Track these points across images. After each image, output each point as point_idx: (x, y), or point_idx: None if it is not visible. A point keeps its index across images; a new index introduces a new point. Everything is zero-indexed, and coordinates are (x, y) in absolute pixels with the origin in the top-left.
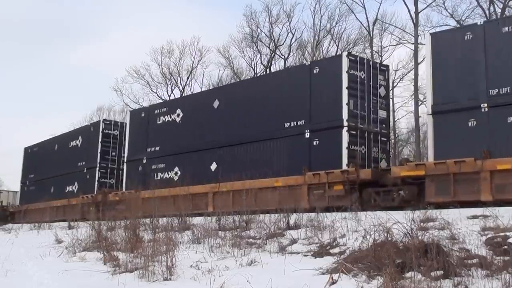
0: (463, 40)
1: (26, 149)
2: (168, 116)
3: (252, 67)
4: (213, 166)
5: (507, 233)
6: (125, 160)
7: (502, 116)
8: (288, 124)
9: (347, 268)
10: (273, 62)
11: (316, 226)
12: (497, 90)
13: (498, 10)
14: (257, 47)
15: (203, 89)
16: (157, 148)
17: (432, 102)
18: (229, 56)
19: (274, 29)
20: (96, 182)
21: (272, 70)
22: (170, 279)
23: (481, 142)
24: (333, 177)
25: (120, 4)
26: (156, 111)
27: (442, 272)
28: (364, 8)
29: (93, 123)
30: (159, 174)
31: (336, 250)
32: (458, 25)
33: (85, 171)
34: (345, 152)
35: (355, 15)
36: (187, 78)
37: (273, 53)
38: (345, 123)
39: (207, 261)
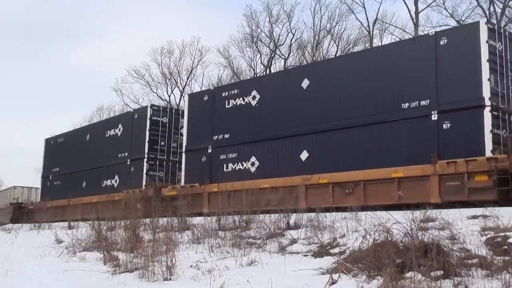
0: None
1: (48, 140)
2: (240, 99)
3: (252, 67)
4: (304, 155)
5: (507, 233)
6: (183, 150)
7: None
8: (407, 104)
9: (347, 268)
10: (273, 62)
11: (316, 226)
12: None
13: (498, 10)
14: (257, 47)
15: (203, 88)
16: (226, 136)
17: None
18: (229, 56)
19: (274, 29)
20: (144, 175)
21: (272, 70)
22: (170, 279)
23: None
24: (475, 166)
25: (120, 4)
26: (223, 94)
27: (442, 272)
28: (364, 8)
29: (137, 109)
30: (230, 165)
31: (336, 250)
32: (458, 25)
33: (128, 163)
34: (488, 137)
35: (355, 15)
36: (187, 78)
37: (273, 53)
38: (487, 102)
39: (207, 261)
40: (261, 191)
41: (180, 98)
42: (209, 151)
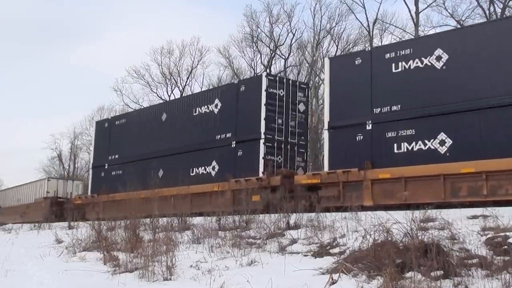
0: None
1: (100, 123)
2: (416, 61)
3: (252, 67)
4: None
5: (507, 233)
6: (326, 128)
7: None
8: None
9: (347, 268)
10: (273, 62)
11: (316, 226)
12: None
13: (498, 10)
14: (257, 47)
15: (203, 88)
16: (395, 108)
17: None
18: (229, 56)
19: (274, 29)
20: (261, 160)
21: (273, 71)
22: (170, 279)
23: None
24: None
25: (120, 4)
26: (388, 55)
27: (442, 272)
28: (364, 8)
29: (245, 80)
30: (404, 144)
31: (336, 250)
32: (459, 25)
33: (233, 145)
34: None
35: (355, 15)
36: (187, 78)
37: (273, 53)
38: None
39: (207, 261)
40: (459, 177)
41: None
42: (368, 127)
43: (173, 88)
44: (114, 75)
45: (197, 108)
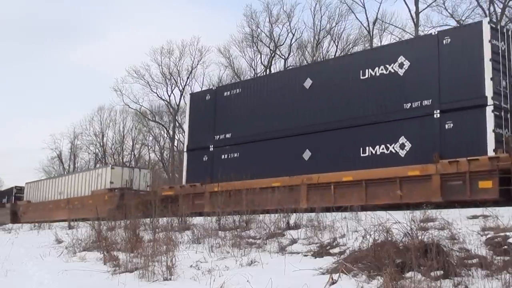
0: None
1: (196, 96)
2: None
3: (252, 67)
4: None
5: (507, 233)
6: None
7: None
8: None
9: (347, 268)
10: (273, 62)
11: (316, 226)
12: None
13: (498, 10)
14: (257, 47)
15: (203, 88)
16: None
17: None
18: (230, 56)
19: (274, 29)
20: (490, 134)
21: (272, 71)
22: (170, 279)
23: None
24: None
25: (120, 4)
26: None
27: (442, 272)
28: (364, 8)
29: (452, 29)
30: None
31: (336, 250)
32: (458, 25)
33: (436, 116)
34: None
35: (355, 15)
36: (187, 78)
37: (273, 53)
38: None
39: (207, 261)
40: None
41: (180, 98)
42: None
43: (173, 88)
44: (114, 75)
45: (367, 70)
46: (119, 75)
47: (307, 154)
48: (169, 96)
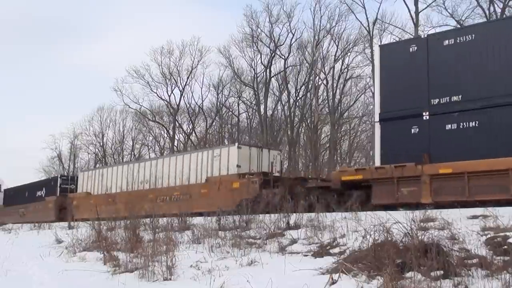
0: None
1: (388, 48)
2: None
3: (252, 67)
4: None
5: (507, 233)
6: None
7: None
8: None
9: (347, 268)
10: (273, 62)
11: (316, 226)
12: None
13: (498, 10)
14: (257, 47)
15: (203, 88)
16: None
17: None
18: (230, 56)
19: (274, 29)
20: None
21: (272, 71)
22: (170, 279)
23: None
24: None
25: (120, 4)
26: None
27: (442, 272)
28: (364, 8)
29: None
30: None
31: (336, 250)
32: (458, 25)
33: None
34: None
35: (355, 15)
36: (187, 78)
37: (273, 53)
38: None
39: (207, 261)
40: None
41: (180, 98)
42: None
43: (173, 88)
44: (114, 75)
45: None
46: (119, 75)
47: None
48: (169, 96)
